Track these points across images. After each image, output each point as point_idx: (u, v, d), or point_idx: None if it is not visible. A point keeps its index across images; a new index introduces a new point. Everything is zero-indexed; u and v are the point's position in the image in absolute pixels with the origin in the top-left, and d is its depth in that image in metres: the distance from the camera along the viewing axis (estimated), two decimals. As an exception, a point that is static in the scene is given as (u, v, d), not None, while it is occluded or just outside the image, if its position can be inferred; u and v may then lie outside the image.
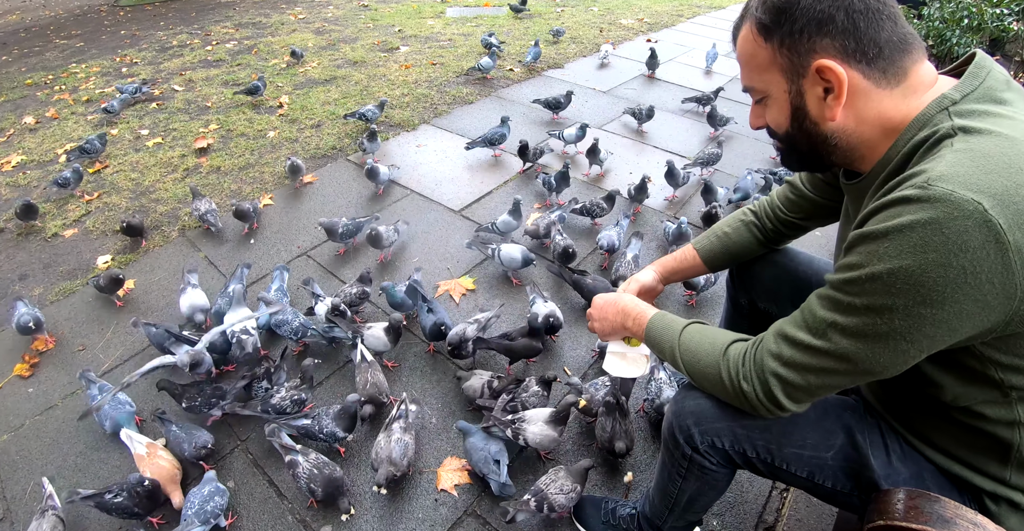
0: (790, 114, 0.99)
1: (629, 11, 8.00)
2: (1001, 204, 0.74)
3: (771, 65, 0.96)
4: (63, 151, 4.17)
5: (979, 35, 5.77)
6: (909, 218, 0.78)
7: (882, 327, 0.84)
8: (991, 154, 0.78)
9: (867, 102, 0.91)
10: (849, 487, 1.12)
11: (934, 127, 0.86)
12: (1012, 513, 1.01)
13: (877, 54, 0.88)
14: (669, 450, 1.29)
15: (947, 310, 0.79)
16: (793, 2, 0.89)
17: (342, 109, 4.67)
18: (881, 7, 0.87)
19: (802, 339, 0.94)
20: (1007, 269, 0.75)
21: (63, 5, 10.18)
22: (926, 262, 0.77)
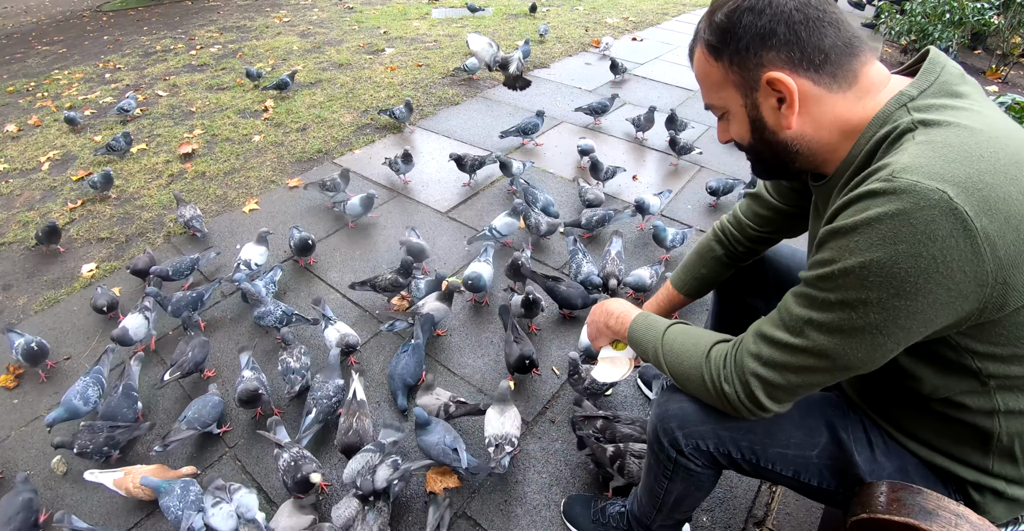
0: (750, 126, 1.01)
1: (614, 10, 8.03)
2: (966, 192, 0.75)
3: (725, 82, 0.98)
4: (45, 159, 4.13)
5: (961, 29, 5.83)
6: (877, 211, 0.78)
7: (858, 321, 0.85)
8: (952, 144, 0.79)
9: (821, 107, 0.93)
10: (835, 484, 1.13)
11: (894, 123, 0.87)
12: (996, 502, 1.02)
13: (824, 60, 0.90)
14: (654, 453, 1.29)
15: (921, 301, 0.79)
16: (735, 21, 0.91)
17: (327, 112, 4.65)
18: (821, 15, 0.89)
19: (780, 338, 0.95)
20: (977, 256, 0.75)
21: (45, 11, 10.08)
22: (897, 253, 0.77)
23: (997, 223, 0.75)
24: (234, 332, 2.56)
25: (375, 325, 2.57)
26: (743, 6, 0.91)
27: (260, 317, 2.40)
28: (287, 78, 4.95)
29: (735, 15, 0.91)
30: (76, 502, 1.92)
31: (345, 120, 4.54)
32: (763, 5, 0.89)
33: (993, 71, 6.39)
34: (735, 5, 0.92)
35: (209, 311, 2.67)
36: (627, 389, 2.24)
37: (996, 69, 6.41)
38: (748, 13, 0.90)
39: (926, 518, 0.91)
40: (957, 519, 0.91)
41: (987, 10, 5.75)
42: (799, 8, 0.88)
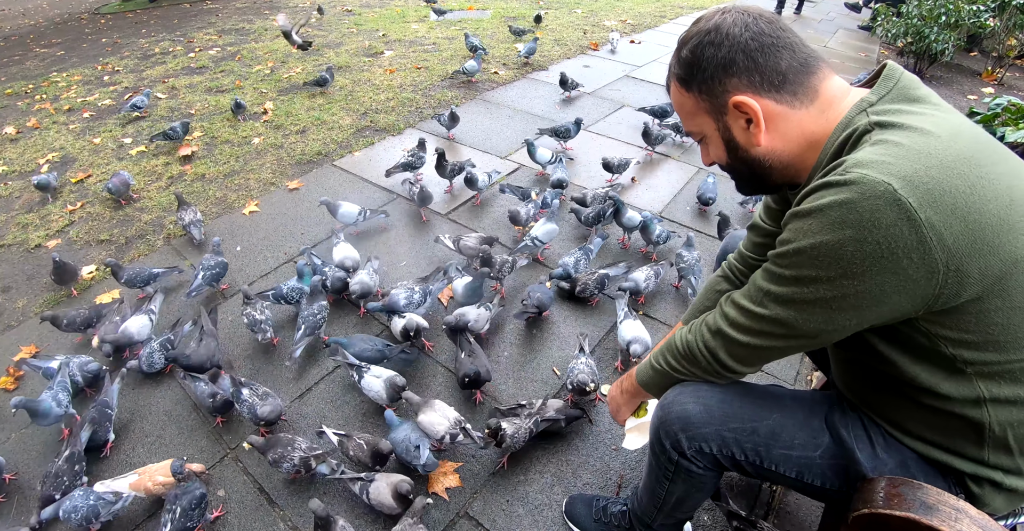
0: (725, 147, 1.10)
1: (612, 13, 8.06)
2: (911, 185, 0.81)
3: (698, 110, 1.08)
4: (44, 161, 4.13)
5: (957, 31, 5.86)
6: (829, 199, 0.86)
7: (809, 295, 0.93)
8: (903, 143, 0.86)
9: (787, 123, 1.01)
10: (838, 484, 1.14)
11: (855, 125, 0.95)
12: (996, 493, 1.03)
13: (782, 81, 0.98)
14: (656, 454, 1.30)
15: (867, 282, 0.86)
16: (699, 55, 1.01)
17: (327, 114, 4.66)
18: (775, 41, 0.98)
19: (745, 305, 1.05)
20: (923, 243, 0.81)
21: (43, 13, 10.08)
22: (843, 237, 0.85)
23: (942, 214, 0.81)
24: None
25: (376, 326, 2.58)
26: (704, 41, 1.00)
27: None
28: (326, 74, 5.00)
29: (698, 49, 1.01)
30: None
31: (344, 122, 4.55)
32: (721, 38, 0.99)
33: (989, 73, 6.43)
34: (697, 40, 1.01)
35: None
36: (627, 389, 2.24)
37: (992, 71, 6.45)
38: (709, 46, 1.00)
39: (927, 513, 0.92)
40: (957, 513, 0.92)
41: (983, 12, 5.80)
42: (753, 37, 0.97)
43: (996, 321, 0.88)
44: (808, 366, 2.35)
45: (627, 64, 5.89)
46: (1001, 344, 0.91)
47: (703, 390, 1.20)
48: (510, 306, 2.67)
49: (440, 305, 2.69)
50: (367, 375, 2.11)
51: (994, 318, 0.88)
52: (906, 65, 6.46)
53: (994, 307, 0.87)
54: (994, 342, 0.90)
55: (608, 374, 2.32)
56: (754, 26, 0.98)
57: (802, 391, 1.24)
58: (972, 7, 5.74)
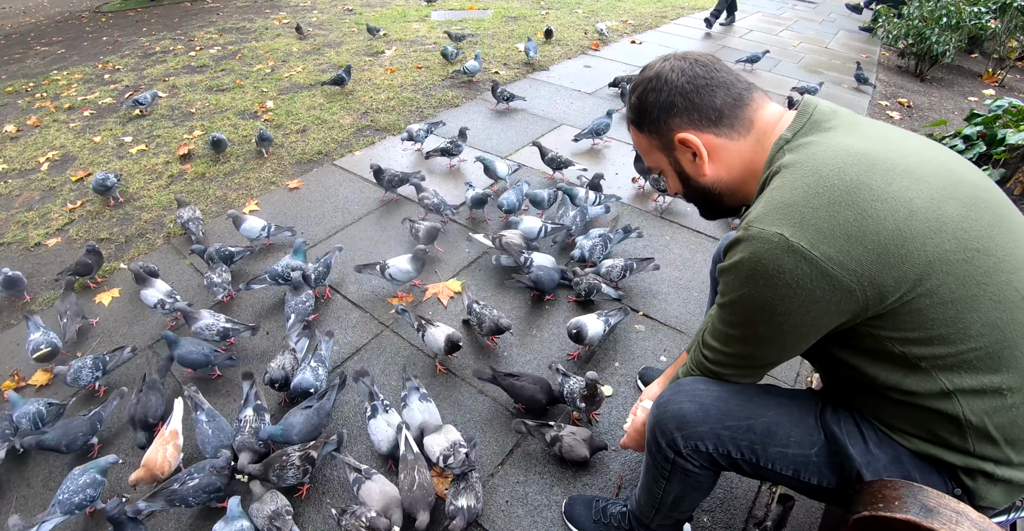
0: (678, 179, 1.24)
1: (613, 13, 8.06)
2: (800, 229, 0.92)
3: (652, 148, 1.21)
4: (44, 159, 4.13)
5: (958, 33, 5.87)
6: (739, 257, 1.00)
7: (756, 335, 1.09)
8: (795, 187, 0.97)
9: (728, 153, 1.13)
10: (835, 482, 1.14)
11: (771, 167, 1.07)
12: (991, 486, 1.03)
13: (719, 117, 1.10)
14: (651, 454, 1.31)
15: (796, 315, 0.98)
16: (643, 100, 1.15)
17: (327, 114, 4.66)
18: (709, 81, 1.09)
19: (713, 345, 1.20)
20: (826, 275, 0.92)
21: (44, 12, 10.08)
22: (759, 287, 0.98)
23: (837, 245, 0.91)
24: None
25: (376, 326, 2.58)
26: (647, 88, 1.13)
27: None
28: (343, 74, 5.00)
29: (643, 96, 1.15)
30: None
31: (345, 122, 4.55)
32: (661, 84, 1.11)
33: (990, 75, 6.43)
34: (642, 88, 1.15)
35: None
36: (627, 390, 2.24)
37: (992, 73, 6.45)
38: (651, 92, 1.13)
39: (927, 515, 0.92)
40: (958, 516, 0.91)
41: (984, 14, 5.80)
42: (689, 81, 1.09)
43: (932, 317, 0.93)
44: (808, 368, 2.35)
45: (628, 64, 5.89)
46: (945, 337, 0.94)
47: (699, 389, 1.22)
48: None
49: (440, 304, 2.69)
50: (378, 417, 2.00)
51: (929, 314, 0.93)
52: (907, 66, 6.46)
53: (924, 305, 0.93)
54: (938, 336, 0.95)
55: (604, 376, 2.32)
56: (689, 70, 1.10)
57: (797, 390, 1.26)
58: (973, 9, 5.74)
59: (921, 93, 5.79)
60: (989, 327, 0.93)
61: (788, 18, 8.70)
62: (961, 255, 0.91)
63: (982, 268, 0.92)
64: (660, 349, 2.43)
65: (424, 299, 2.73)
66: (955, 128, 4.25)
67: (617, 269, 2.66)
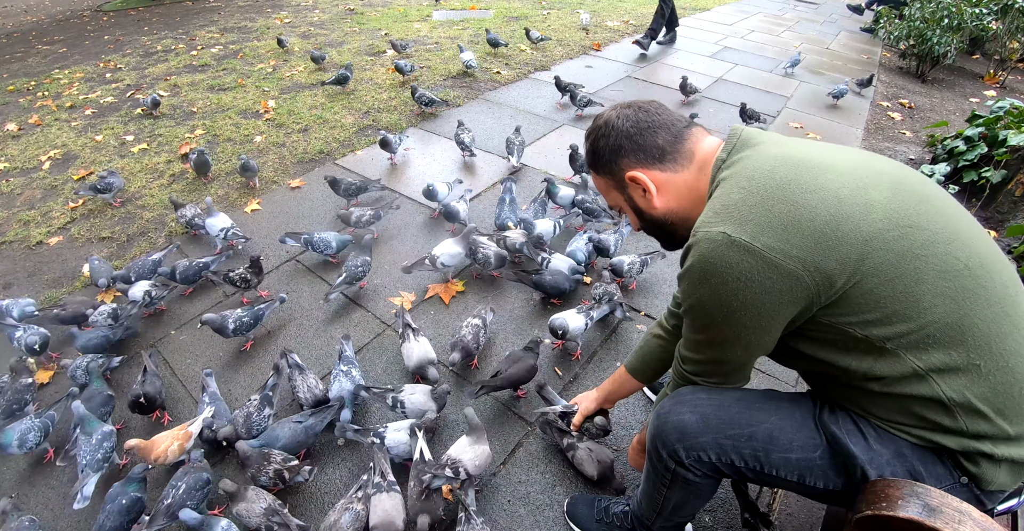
0: (635, 214, 1.32)
1: (614, 13, 8.06)
2: (740, 225, 1.00)
3: (608, 187, 1.32)
4: (46, 158, 4.14)
5: (959, 34, 5.87)
6: (690, 261, 1.07)
7: (722, 336, 1.13)
8: (731, 191, 1.06)
9: (674, 186, 1.22)
10: (840, 484, 1.14)
11: (714, 184, 1.14)
12: (994, 468, 1.02)
13: (662, 154, 1.20)
14: (653, 463, 1.33)
15: (752, 308, 1.03)
16: (595, 146, 1.27)
17: (328, 113, 4.66)
18: (650, 124, 1.20)
19: (687, 356, 1.26)
20: (771, 264, 0.98)
21: (45, 10, 10.08)
22: (712, 286, 1.04)
23: (776, 235, 0.97)
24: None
25: (378, 326, 2.58)
26: (598, 134, 1.25)
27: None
28: (346, 72, 4.99)
29: (595, 142, 1.27)
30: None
31: (347, 121, 4.55)
32: (608, 130, 1.23)
33: (991, 76, 6.43)
34: (594, 135, 1.27)
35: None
36: (629, 390, 2.24)
37: (994, 74, 6.45)
38: (601, 138, 1.25)
39: (930, 515, 0.92)
40: (960, 516, 0.92)
41: (985, 15, 5.80)
42: (633, 125, 1.20)
43: (882, 294, 0.98)
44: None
45: (630, 65, 5.90)
46: (901, 313, 0.98)
47: (699, 399, 1.23)
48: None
49: (442, 304, 2.69)
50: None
51: (880, 293, 0.98)
52: (908, 67, 6.47)
53: (872, 285, 0.97)
54: (894, 313, 0.98)
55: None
56: (632, 117, 1.21)
57: (796, 394, 1.26)
58: (975, 10, 5.74)
59: (922, 94, 5.80)
60: (940, 297, 0.97)
61: (789, 19, 8.71)
62: (895, 232, 0.97)
63: (918, 242, 0.97)
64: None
65: (426, 298, 2.73)
66: (956, 129, 4.26)
67: (636, 266, 2.69)
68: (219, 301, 2.75)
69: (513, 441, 2.07)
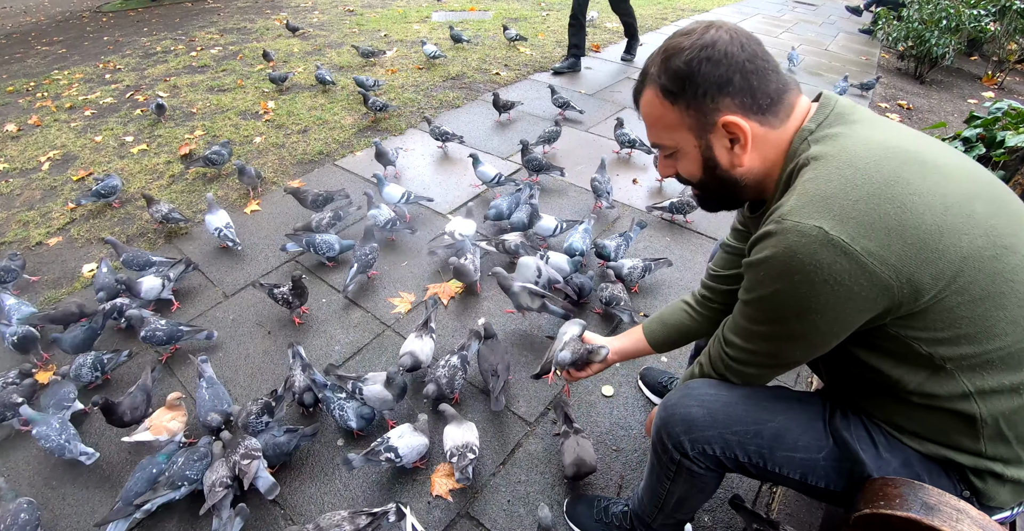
0: (702, 165, 1.11)
1: (613, 14, 8.05)
2: (840, 223, 0.88)
3: (679, 125, 1.07)
4: (45, 158, 4.14)
5: (957, 36, 5.88)
6: (771, 250, 0.95)
7: (785, 332, 1.04)
8: (831, 179, 0.92)
9: (766, 144, 1.05)
10: (842, 485, 1.14)
11: (796, 158, 1.02)
12: (999, 486, 1.03)
13: (770, 103, 1.02)
14: (658, 454, 1.31)
15: (830, 313, 0.94)
16: (694, 70, 1.00)
17: (328, 114, 4.66)
18: (766, 64, 1.01)
19: (736, 342, 1.15)
20: (866, 270, 0.88)
21: (44, 11, 10.08)
22: (794, 283, 0.93)
23: (878, 239, 0.87)
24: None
25: (378, 326, 2.58)
26: (701, 56, 0.99)
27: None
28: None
29: (694, 63, 1.00)
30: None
31: (346, 122, 4.55)
32: (719, 56, 0.99)
33: (989, 77, 6.45)
34: (693, 55, 1.00)
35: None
36: (628, 391, 2.25)
37: (992, 75, 6.47)
38: (707, 63, 0.99)
39: (928, 513, 0.93)
40: (958, 514, 0.92)
41: (983, 17, 5.81)
42: (750, 59, 0.99)
43: (961, 315, 0.92)
44: (807, 369, 2.36)
45: (628, 66, 5.90)
46: (972, 336, 0.93)
47: (708, 394, 1.21)
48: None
49: (441, 304, 2.70)
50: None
51: (958, 313, 0.92)
52: (906, 69, 6.48)
53: (955, 303, 0.91)
54: (965, 335, 0.93)
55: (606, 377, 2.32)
56: (749, 48, 1.00)
57: (805, 394, 1.25)
58: (973, 11, 5.76)
59: (921, 95, 5.81)
60: (1013, 325, 0.93)
61: (788, 20, 8.71)
62: (991, 252, 0.90)
63: (1010, 265, 0.91)
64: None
65: (424, 299, 2.73)
66: (954, 130, 4.26)
67: (638, 270, 2.68)
68: (218, 301, 2.75)
69: (513, 441, 2.07)
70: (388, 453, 1.84)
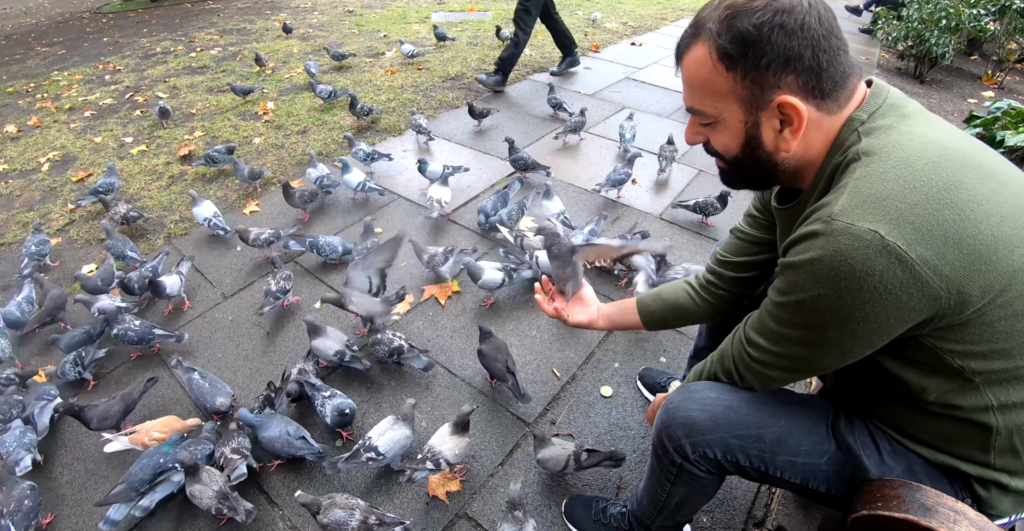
0: (743, 142, 1.00)
1: (613, 15, 8.06)
2: (897, 227, 0.81)
3: (730, 94, 0.95)
4: (45, 160, 4.14)
5: (957, 35, 5.87)
6: (818, 252, 0.86)
7: (821, 339, 0.96)
8: (887, 178, 0.85)
9: (817, 131, 0.96)
10: (843, 490, 1.14)
11: (845, 151, 0.93)
12: (1002, 496, 1.03)
13: (833, 88, 0.92)
14: (658, 457, 1.30)
15: (872, 322, 0.88)
16: (764, 36, 0.88)
17: (328, 115, 4.66)
18: (839, 44, 0.90)
19: (762, 344, 1.08)
20: (919, 280, 0.82)
21: (44, 12, 10.09)
22: (840, 288, 0.86)
23: (934, 248, 0.81)
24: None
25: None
26: (775, 22, 0.87)
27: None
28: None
29: (765, 29, 0.87)
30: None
31: (345, 123, 4.55)
32: (795, 26, 0.87)
33: (989, 77, 6.44)
34: (765, 19, 0.87)
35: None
36: (627, 391, 2.25)
37: (992, 75, 6.46)
38: (779, 31, 0.87)
39: (925, 514, 0.93)
40: (956, 515, 0.92)
41: (983, 16, 5.81)
42: (825, 36, 0.88)
43: (1000, 330, 0.88)
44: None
45: (628, 66, 5.90)
46: (1007, 351, 0.91)
47: (709, 398, 1.20)
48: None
49: (439, 305, 2.70)
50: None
51: (998, 327, 0.88)
52: (906, 68, 6.47)
53: (996, 317, 0.87)
54: (1000, 350, 0.91)
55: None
56: (826, 22, 0.88)
57: (808, 397, 1.24)
58: (972, 11, 5.75)
59: (920, 95, 5.80)
60: None
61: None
62: None
63: None
64: (660, 350, 2.43)
65: (423, 299, 2.73)
66: (954, 130, 4.26)
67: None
68: (217, 302, 2.75)
69: (511, 442, 2.07)
70: (368, 453, 1.82)
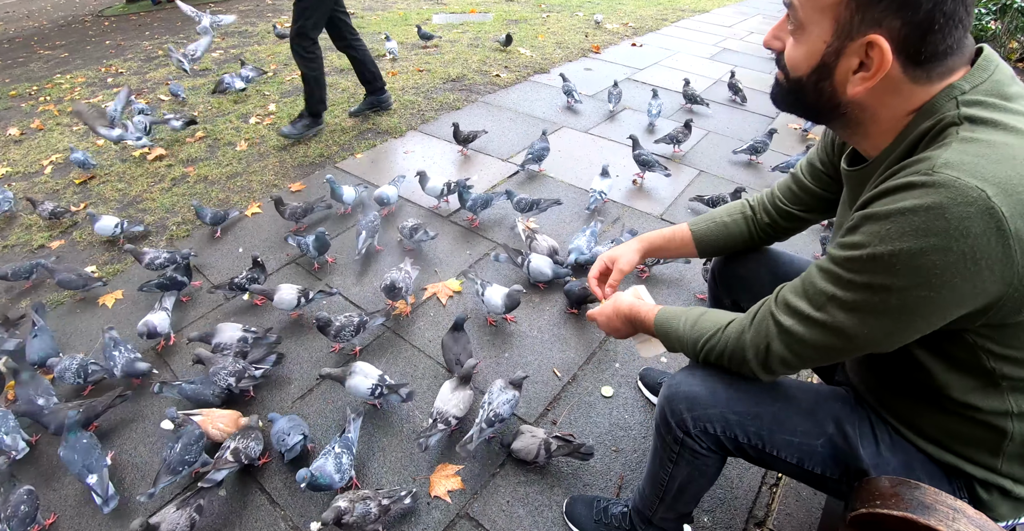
0: (814, 66, 0.92)
1: (614, 15, 8.07)
2: (1004, 192, 0.75)
3: (829, 8, 0.86)
4: (48, 162, 4.16)
5: (957, 35, 5.86)
6: (913, 202, 0.79)
7: (879, 305, 0.86)
8: (997, 144, 0.79)
9: (895, 94, 0.89)
10: (838, 474, 1.14)
11: (940, 115, 0.85)
12: (1003, 500, 1.03)
13: (928, 58, 0.84)
14: (661, 434, 1.31)
15: (945, 294, 0.80)
16: None
17: (330, 116, 4.67)
18: (964, 17, 0.81)
19: (803, 309, 0.96)
20: (1007, 256, 0.76)
21: (47, 15, 10.13)
22: (927, 245, 0.78)
23: None
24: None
25: (378, 327, 2.59)
26: None
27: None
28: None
29: None
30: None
31: (346, 124, 4.56)
32: None
33: (990, 76, 6.43)
34: None
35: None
36: (627, 391, 2.25)
37: (993, 74, 6.45)
38: None
39: (924, 512, 0.92)
40: (955, 513, 0.92)
41: (984, 15, 5.80)
42: (953, 1, 0.79)
43: None
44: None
45: (629, 67, 5.91)
46: None
47: (712, 375, 1.21)
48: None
49: (439, 304, 2.70)
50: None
51: None
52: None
53: None
54: None
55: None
56: None
57: (809, 383, 1.25)
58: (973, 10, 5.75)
59: (921, 95, 5.81)
60: None
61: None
62: None
63: None
64: (659, 349, 2.43)
65: (424, 299, 2.74)
66: (955, 129, 4.25)
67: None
68: (219, 304, 2.76)
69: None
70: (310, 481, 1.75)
